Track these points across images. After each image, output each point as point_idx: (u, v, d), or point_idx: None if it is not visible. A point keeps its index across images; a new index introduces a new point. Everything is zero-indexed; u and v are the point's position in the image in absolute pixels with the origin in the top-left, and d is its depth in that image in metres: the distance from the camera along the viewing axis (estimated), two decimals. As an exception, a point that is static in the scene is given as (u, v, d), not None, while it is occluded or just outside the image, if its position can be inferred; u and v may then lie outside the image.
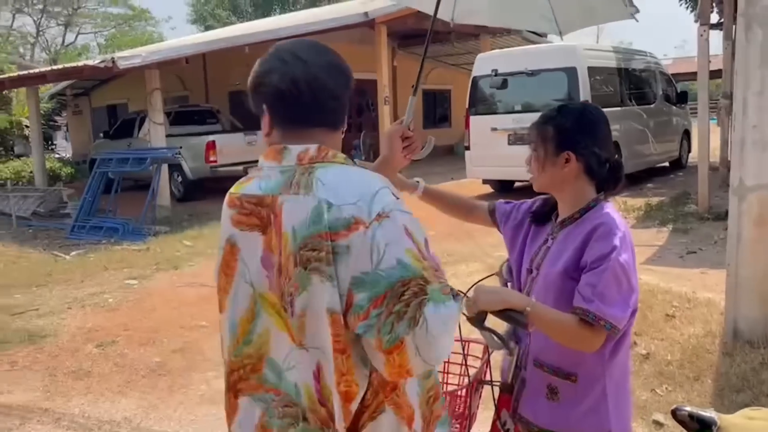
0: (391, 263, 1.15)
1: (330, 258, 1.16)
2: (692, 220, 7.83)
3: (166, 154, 10.38)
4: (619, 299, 1.54)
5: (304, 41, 1.37)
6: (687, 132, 13.19)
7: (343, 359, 1.19)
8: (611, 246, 1.56)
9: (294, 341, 1.24)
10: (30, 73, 12.82)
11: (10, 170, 14.25)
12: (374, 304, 1.14)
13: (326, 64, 1.32)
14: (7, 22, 35.09)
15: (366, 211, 1.17)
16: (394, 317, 1.13)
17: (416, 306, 1.13)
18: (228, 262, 1.33)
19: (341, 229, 1.17)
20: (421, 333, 1.12)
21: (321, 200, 1.19)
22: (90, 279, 6.94)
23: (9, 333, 5.24)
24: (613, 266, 1.54)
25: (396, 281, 1.14)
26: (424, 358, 1.14)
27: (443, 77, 19.09)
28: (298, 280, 1.20)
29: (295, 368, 1.25)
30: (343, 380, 1.20)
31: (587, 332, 1.53)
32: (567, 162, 1.70)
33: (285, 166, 1.28)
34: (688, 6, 16.13)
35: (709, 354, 3.91)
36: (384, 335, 1.13)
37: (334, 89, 1.32)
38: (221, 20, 34.11)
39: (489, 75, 10.18)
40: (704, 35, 7.95)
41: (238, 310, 1.32)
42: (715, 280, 5.12)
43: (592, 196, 1.71)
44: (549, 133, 1.72)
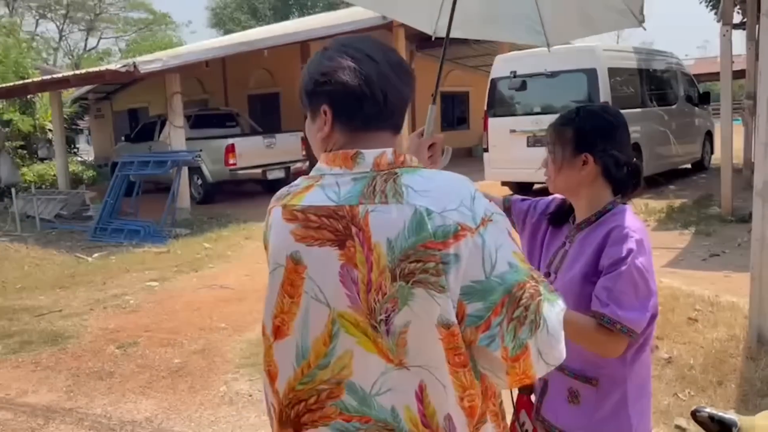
0: (504, 268, 1.10)
1: (440, 268, 1.08)
2: (715, 223, 7.73)
3: (187, 157, 10.48)
4: (636, 303, 1.53)
5: (365, 38, 1.27)
6: (709, 133, 13.02)
7: (464, 373, 1.13)
8: (627, 249, 1.55)
9: (391, 361, 1.14)
10: (53, 77, 13.02)
11: (34, 173, 14.48)
12: (494, 313, 1.09)
13: (395, 64, 1.24)
14: (30, 28, 35.74)
15: (470, 216, 1.11)
16: (515, 323, 1.09)
17: (535, 308, 1.09)
18: (292, 281, 1.20)
19: (448, 237, 1.09)
20: (543, 335, 1.10)
21: (418, 208, 1.10)
22: (112, 281, 7.02)
23: (33, 334, 5.32)
24: (629, 270, 1.53)
25: (512, 286, 1.09)
26: (546, 360, 1.11)
27: (461, 79, 19.05)
28: (398, 295, 1.10)
29: (392, 390, 1.14)
30: (467, 395, 1.14)
31: (605, 337, 1.52)
32: (584, 164, 1.67)
33: (359, 173, 1.16)
34: (710, 6, 15.93)
35: (733, 358, 3.85)
36: (509, 343, 1.09)
37: (403, 90, 1.23)
38: (240, 24, 34.38)
39: (508, 76, 10.14)
40: (727, 35, 7.85)
41: (312, 332, 1.19)
42: (738, 283, 5.05)
43: (609, 199, 1.69)
44: (567, 135, 1.69)
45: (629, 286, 1.52)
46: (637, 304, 1.52)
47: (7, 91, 13.86)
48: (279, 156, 12.72)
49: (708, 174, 12.12)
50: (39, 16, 36.11)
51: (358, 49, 1.21)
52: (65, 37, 38.08)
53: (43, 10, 35.80)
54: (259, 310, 4.59)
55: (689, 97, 12.32)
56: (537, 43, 2.39)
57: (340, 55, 1.20)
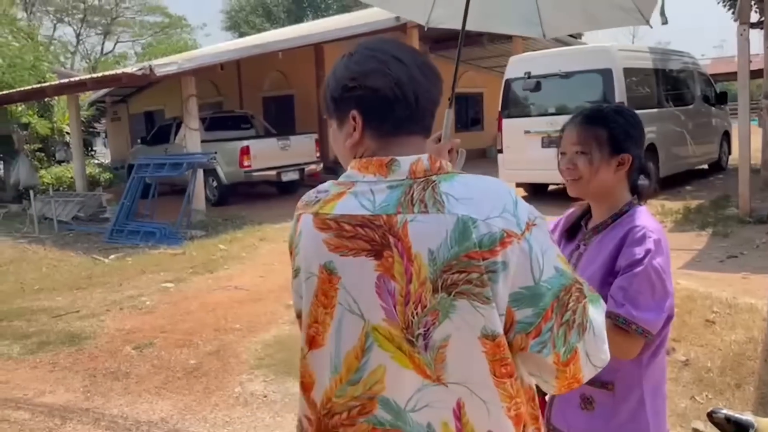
0: (550, 273, 1.09)
1: (485, 278, 1.06)
2: (732, 224, 7.64)
3: (202, 159, 10.55)
4: (653, 303, 1.51)
5: (389, 40, 1.25)
6: (727, 133, 12.89)
7: (511, 383, 1.11)
8: (645, 250, 1.54)
9: (428, 377, 1.11)
10: (71, 81, 13.17)
11: (52, 176, 14.64)
12: (544, 318, 1.08)
13: (423, 65, 1.21)
14: (48, 32, 36.16)
15: (515, 222, 1.09)
16: (565, 328, 1.09)
17: (582, 311, 1.10)
18: (326, 291, 1.17)
19: (494, 245, 1.06)
20: (590, 337, 1.10)
21: (461, 217, 1.07)
22: (128, 282, 7.08)
23: (51, 335, 5.38)
24: (646, 270, 1.51)
25: (560, 290, 1.09)
26: (593, 362, 1.12)
27: (475, 80, 19.01)
28: (439, 308, 1.08)
29: (429, 407, 1.12)
30: (513, 405, 1.12)
31: (620, 337, 1.50)
32: (620, 165, 1.66)
33: (394, 180, 1.13)
34: (726, 5, 15.77)
35: (751, 361, 3.81)
36: (560, 348, 1.09)
37: (433, 92, 1.21)
38: (255, 27, 34.58)
39: (522, 77, 10.10)
40: (744, 34, 7.77)
41: (345, 344, 1.16)
42: (757, 285, 4.99)
43: (628, 200, 1.69)
44: (603, 135, 1.66)
45: (646, 287, 1.51)
46: (654, 305, 1.51)
47: (26, 94, 14.04)
48: (293, 158, 12.76)
49: (725, 174, 11.99)
50: (56, 20, 36.52)
51: (384, 51, 1.19)
52: (82, 41, 38.50)
53: (60, 15, 36.20)
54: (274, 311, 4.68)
55: (706, 97, 12.20)
56: (534, 34, 2.38)
57: (368, 59, 1.18)
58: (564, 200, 1.90)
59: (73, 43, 38.13)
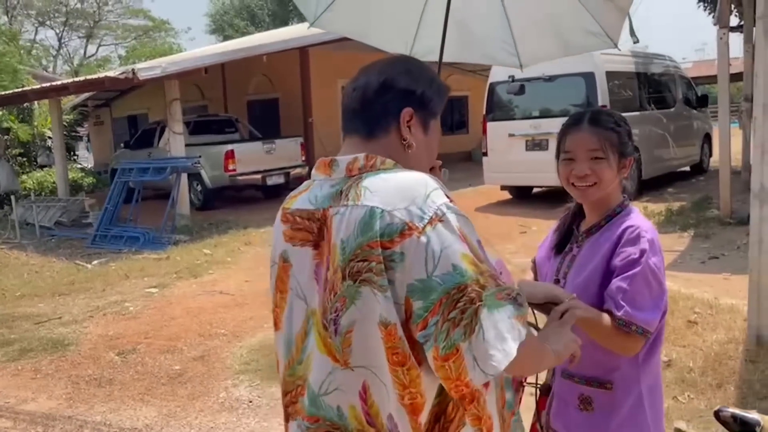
0: (446, 269, 1.10)
1: (382, 267, 1.11)
2: (714, 225, 7.74)
3: (186, 163, 10.49)
4: (650, 303, 1.55)
5: (390, 58, 1.39)
6: (708, 136, 13.04)
7: (403, 371, 1.15)
8: (640, 250, 1.56)
9: (337, 361, 1.19)
10: (52, 85, 13.05)
11: (34, 181, 14.47)
12: (432, 312, 1.10)
13: (378, 70, 1.30)
14: (30, 35, 35.80)
15: (418, 215, 1.12)
16: (449, 324, 1.09)
17: (472, 312, 1.09)
18: (282, 277, 1.30)
19: (394, 235, 1.11)
20: (478, 341, 1.08)
21: (370, 208, 1.14)
22: (111, 288, 7.02)
23: (33, 341, 5.32)
24: (643, 270, 1.54)
25: (452, 287, 1.09)
26: (482, 368, 1.09)
27: (460, 83, 19.05)
28: (346, 294, 1.15)
29: (338, 390, 1.19)
30: (407, 393, 1.16)
31: (620, 338, 1.54)
32: (624, 168, 1.70)
33: (335, 179, 1.25)
34: (707, 8, 15.97)
35: (732, 361, 3.86)
36: (440, 342, 1.09)
37: (375, 101, 1.28)
38: (239, 30, 34.44)
39: (506, 81, 10.15)
40: (723, 38, 7.88)
41: (294, 327, 1.28)
42: (738, 285, 5.05)
43: (620, 200, 1.71)
44: (614, 140, 1.68)
45: (644, 287, 1.54)
46: (651, 304, 1.55)
47: (6, 99, 13.88)
48: (278, 162, 12.72)
49: (707, 176, 12.13)
50: (38, 23, 36.18)
51: (370, 67, 1.34)
52: (64, 44, 38.17)
53: (42, 18, 35.86)
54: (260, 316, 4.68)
55: (687, 99, 12.34)
56: (510, 64, 2.44)
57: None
58: (548, 202, 1.93)
59: (55, 46, 37.81)
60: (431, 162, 1.39)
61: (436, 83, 1.34)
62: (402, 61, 1.37)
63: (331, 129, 16.26)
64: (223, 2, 38.43)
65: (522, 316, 1.13)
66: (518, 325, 1.12)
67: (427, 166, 1.36)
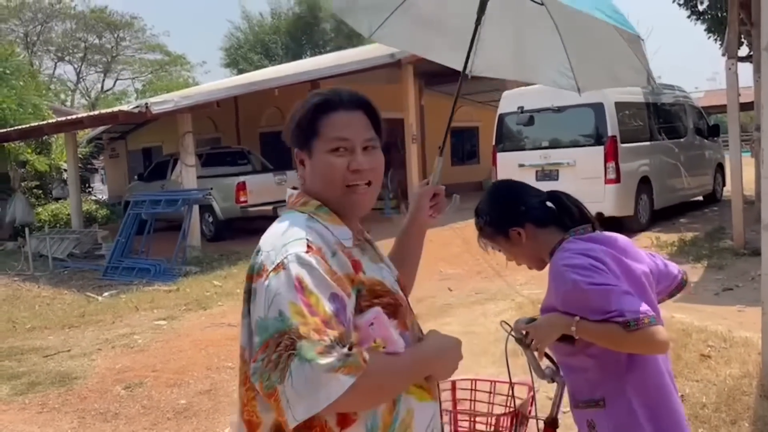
0: (274, 314, 1.18)
1: (246, 297, 1.29)
2: (728, 256, 7.63)
3: (198, 195, 10.58)
4: (624, 299, 1.60)
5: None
6: (720, 165, 12.96)
7: (243, 390, 1.32)
8: (569, 282, 1.65)
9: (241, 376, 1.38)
10: (68, 119, 13.27)
11: (48, 213, 14.66)
12: (261, 350, 1.19)
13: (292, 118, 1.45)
14: (49, 70, 36.60)
15: (271, 260, 1.24)
16: (271, 365, 1.17)
17: (285, 359, 1.15)
18: None
19: (254, 273, 1.28)
20: (288, 386, 1.14)
21: (259, 244, 1.32)
22: (121, 320, 7.03)
23: (41, 375, 5.32)
24: (588, 290, 1.62)
25: (275, 332, 1.17)
26: (293, 413, 1.15)
27: (470, 114, 19.16)
28: (245, 313, 1.31)
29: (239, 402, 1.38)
30: (245, 410, 1.31)
31: (635, 335, 1.57)
32: (519, 235, 1.83)
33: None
34: (717, 39, 16.02)
35: (746, 396, 3.76)
36: (265, 380, 1.18)
37: (287, 142, 1.45)
38: (253, 63, 34.97)
39: (515, 112, 10.20)
40: (732, 69, 7.88)
41: None
42: (752, 318, 4.95)
43: (558, 238, 1.81)
44: (488, 231, 1.89)
45: (601, 299, 1.61)
46: (627, 299, 1.61)
47: (24, 132, 14.13)
48: (288, 192, 12.77)
49: (720, 206, 12.01)
50: (57, 59, 37.01)
51: None
52: (82, 79, 38.96)
53: (61, 53, 36.70)
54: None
55: (699, 129, 12.30)
56: (568, 87, 2.54)
57: None
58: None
59: (74, 80, 38.60)
60: (335, 178, 1.37)
61: (294, 121, 1.42)
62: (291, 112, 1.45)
63: (342, 160, 16.34)
64: (238, 37, 39.12)
65: (346, 367, 1.14)
66: (335, 377, 1.13)
67: (332, 185, 1.37)
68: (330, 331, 1.16)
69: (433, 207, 1.77)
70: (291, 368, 1.14)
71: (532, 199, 1.88)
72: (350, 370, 1.14)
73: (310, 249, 1.23)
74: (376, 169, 1.40)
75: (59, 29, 35.88)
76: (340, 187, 1.36)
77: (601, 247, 1.76)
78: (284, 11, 38.41)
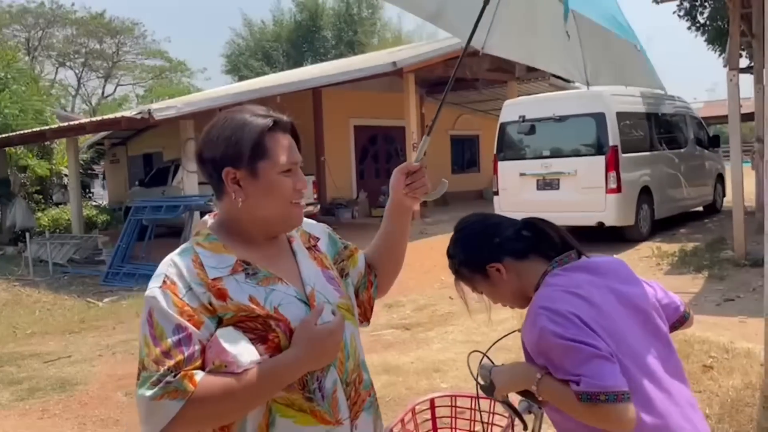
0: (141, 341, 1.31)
1: None
2: (729, 267, 7.64)
3: (199, 201, 10.57)
4: (591, 363, 1.40)
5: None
6: (721, 176, 13.00)
7: None
8: (539, 329, 1.47)
9: None
10: (70, 124, 13.30)
11: (49, 218, 14.65)
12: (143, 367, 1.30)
13: (197, 146, 1.53)
14: (50, 75, 36.67)
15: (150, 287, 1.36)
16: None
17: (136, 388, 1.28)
18: None
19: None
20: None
21: None
22: (121, 326, 7.03)
23: (42, 381, 5.31)
24: (554, 345, 1.45)
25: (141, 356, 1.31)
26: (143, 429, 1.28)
27: (471, 123, 19.22)
28: None
29: None
30: None
31: (586, 408, 1.39)
32: (499, 271, 1.66)
33: None
34: (717, 50, 16.10)
35: (749, 407, 3.76)
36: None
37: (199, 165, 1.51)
38: (254, 70, 35.06)
39: (516, 121, 10.22)
40: (733, 80, 7.91)
41: None
42: (754, 329, 4.95)
43: (541, 271, 1.64)
44: (464, 272, 1.73)
45: (570, 355, 1.43)
46: (595, 364, 1.40)
47: (25, 137, 14.16)
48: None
49: (720, 217, 12.03)
50: (58, 64, 37.10)
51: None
52: (83, 84, 39.05)
53: (62, 59, 36.79)
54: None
55: (699, 140, 12.33)
56: (578, 79, 2.49)
57: None
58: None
59: (74, 86, 38.67)
60: (285, 196, 1.43)
61: (234, 139, 1.40)
62: (206, 131, 1.46)
63: (342, 167, 16.41)
64: (239, 44, 39.24)
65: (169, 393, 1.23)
66: (161, 404, 1.23)
67: (281, 203, 1.43)
68: (167, 360, 1.25)
69: (409, 185, 1.66)
70: (137, 396, 1.27)
71: (506, 230, 1.70)
72: (176, 395, 1.23)
73: (164, 284, 1.33)
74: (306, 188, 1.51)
75: (60, 35, 36.01)
76: (287, 204, 1.43)
77: (589, 278, 1.58)
78: (286, 18, 38.54)
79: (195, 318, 1.29)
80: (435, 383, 4.57)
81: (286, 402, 1.34)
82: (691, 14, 15.91)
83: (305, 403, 1.35)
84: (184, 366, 1.25)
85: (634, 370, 1.49)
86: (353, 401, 1.43)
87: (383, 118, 16.14)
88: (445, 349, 5.44)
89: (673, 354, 1.65)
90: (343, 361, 1.43)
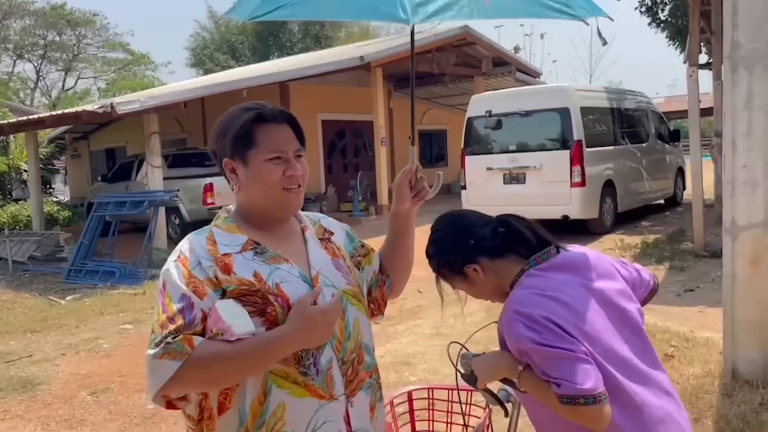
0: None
1: None
2: (688, 258, 7.84)
3: (164, 197, 10.42)
4: (569, 366, 1.44)
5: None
6: (681, 169, 13.32)
7: None
8: (516, 334, 1.51)
9: None
10: (29, 118, 12.95)
11: (8, 215, 14.26)
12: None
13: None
14: (7, 68, 35.64)
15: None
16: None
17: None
18: None
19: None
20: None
21: None
22: (85, 324, 6.89)
23: (3, 381, 5.18)
24: (532, 351, 1.49)
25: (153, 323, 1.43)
26: (149, 388, 1.39)
27: (439, 118, 19.32)
28: None
29: None
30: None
31: (566, 409, 1.44)
32: (476, 271, 1.70)
33: None
34: (678, 47, 16.44)
35: (709, 395, 3.87)
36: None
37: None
38: (219, 64, 34.60)
39: (483, 116, 10.32)
40: (693, 76, 8.09)
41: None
42: (713, 318, 5.10)
43: (517, 269, 1.67)
44: (444, 273, 1.78)
45: (547, 360, 1.47)
46: (572, 367, 1.43)
47: (-19, 131, 13.75)
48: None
49: (681, 210, 12.33)
50: (16, 56, 36.05)
51: None
52: (43, 77, 38.03)
53: (20, 51, 35.76)
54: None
55: (660, 134, 12.62)
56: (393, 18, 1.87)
57: None
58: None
59: (33, 79, 37.63)
60: (274, 182, 1.51)
61: (226, 132, 1.54)
62: (212, 128, 1.60)
63: (310, 162, 16.28)
64: (204, 37, 38.67)
65: (168, 353, 1.34)
66: (162, 363, 1.34)
67: (271, 189, 1.52)
68: (170, 325, 1.36)
69: (416, 195, 1.77)
70: (146, 356, 1.38)
71: (480, 230, 1.71)
72: (174, 356, 1.34)
73: (179, 258, 1.46)
74: (304, 175, 1.56)
75: (17, 26, 34.99)
76: (278, 190, 1.52)
77: (566, 277, 1.60)
78: (251, 11, 38.06)
79: (200, 289, 1.40)
80: (404, 377, 4.60)
81: (282, 374, 1.42)
82: (652, 10, 16.22)
83: (300, 377, 1.42)
84: (185, 330, 1.36)
85: (610, 367, 1.52)
86: (349, 379, 1.49)
87: (351, 113, 16.10)
88: (413, 342, 5.47)
89: (648, 346, 1.70)
90: (342, 341, 1.50)
